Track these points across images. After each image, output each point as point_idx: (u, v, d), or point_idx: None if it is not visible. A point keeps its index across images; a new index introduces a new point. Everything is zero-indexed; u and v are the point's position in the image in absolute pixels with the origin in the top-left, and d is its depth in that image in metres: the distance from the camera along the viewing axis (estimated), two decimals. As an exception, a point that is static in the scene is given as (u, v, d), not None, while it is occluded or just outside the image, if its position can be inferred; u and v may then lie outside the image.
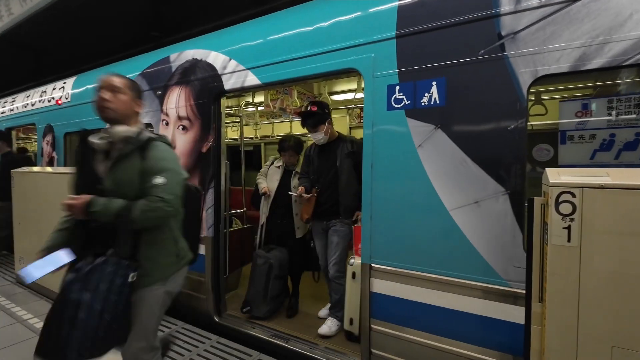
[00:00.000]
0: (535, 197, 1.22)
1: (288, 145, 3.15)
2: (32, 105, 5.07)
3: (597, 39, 1.47)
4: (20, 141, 7.57)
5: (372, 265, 2.03)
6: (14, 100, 5.59)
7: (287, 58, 2.37)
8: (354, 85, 4.49)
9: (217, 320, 2.82)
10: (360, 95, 4.54)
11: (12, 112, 5.51)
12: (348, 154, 2.63)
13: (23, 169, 3.75)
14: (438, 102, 1.79)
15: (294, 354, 2.40)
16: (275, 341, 2.51)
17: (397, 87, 1.92)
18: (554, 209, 1.05)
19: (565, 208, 1.04)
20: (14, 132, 5.75)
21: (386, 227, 1.97)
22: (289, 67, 2.36)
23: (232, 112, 4.69)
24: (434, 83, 1.81)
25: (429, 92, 1.82)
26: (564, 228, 1.03)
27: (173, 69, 3.09)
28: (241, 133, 4.33)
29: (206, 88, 2.83)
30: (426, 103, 1.83)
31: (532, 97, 2.13)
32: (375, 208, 2.00)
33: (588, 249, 1.01)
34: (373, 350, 2.04)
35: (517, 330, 1.58)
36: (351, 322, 2.42)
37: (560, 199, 1.04)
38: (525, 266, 1.53)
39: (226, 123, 4.09)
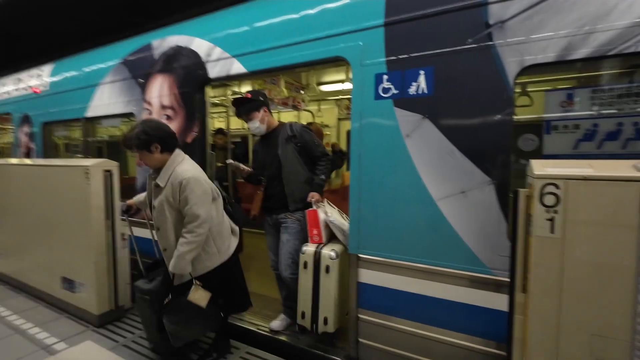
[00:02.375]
0: (520, 189, 1.22)
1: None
2: (8, 94, 4.85)
3: (583, 28, 1.46)
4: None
5: (360, 255, 2.03)
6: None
7: (273, 45, 2.30)
8: (342, 76, 4.44)
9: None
10: (348, 85, 4.50)
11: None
12: (288, 139, 2.43)
13: (-1, 161, 3.61)
14: (426, 91, 1.77)
15: (281, 344, 2.41)
16: (262, 332, 2.52)
17: (385, 76, 1.89)
18: (538, 201, 1.05)
19: (549, 200, 1.04)
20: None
21: (373, 217, 1.97)
22: (275, 55, 2.30)
23: (217, 101, 4.59)
24: (422, 72, 1.78)
25: (416, 82, 1.80)
26: (547, 219, 1.04)
27: (155, 56, 2.99)
28: (227, 124, 4.25)
29: (190, 76, 2.75)
30: (414, 92, 1.81)
31: (518, 89, 2.13)
32: (363, 198, 1.99)
33: (570, 240, 1.02)
34: (360, 340, 2.06)
35: (501, 318, 1.61)
36: (303, 315, 2.27)
37: (545, 191, 1.04)
38: (509, 255, 1.56)
39: (212, 113, 4.01)
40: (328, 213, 2.31)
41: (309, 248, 2.26)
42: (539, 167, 1.11)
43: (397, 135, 1.86)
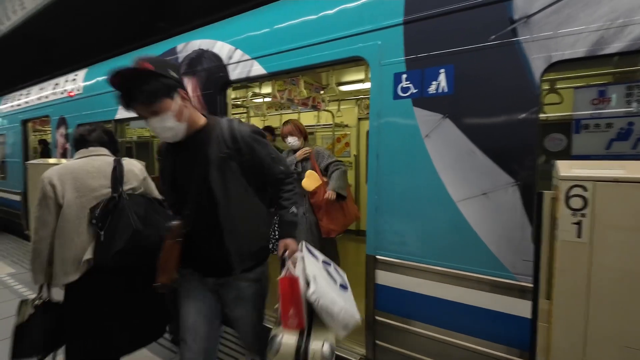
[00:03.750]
0: (544, 191, 1.17)
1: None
2: (46, 97, 5.17)
3: (616, 21, 1.38)
4: (37, 133, 7.76)
5: (377, 257, 2.01)
6: (29, 93, 5.71)
7: (292, 47, 2.32)
8: (362, 75, 4.41)
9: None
10: (368, 84, 4.46)
11: (27, 105, 5.63)
12: (226, 155, 1.41)
13: (38, 161, 3.85)
14: (446, 90, 1.73)
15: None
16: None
17: (404, 75, 1.86)
18: (564, 204, 1.00)
19: (576, 202, 0.99)
20: (30, 125, 5.89)
21: (392, 218, 1.94)
22: (294, 56, 2.32)
23: (239, 102, 4.68)
24: (442, 71, 1.74)
25: (436, 80, 1.76)
26: (573, 223, 0.99)
27: (179, 60, 3.09)
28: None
29: (212, 78, 2.82)
30: (434, 91, 1.77)
31: (545, 86, 2.04)
32: (381, 199, 1.97)
33: (599, 245, 0.96)
34: (377, 342, 2.04)
35: (524, 325, 1.55)
36: None
37: (571, 193, 0.99)
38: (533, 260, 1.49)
39: (233, 114, 4.09)
40: (310, 278, 1.31)
41: (287, 339, 1.29)
42: (565, 168, 1.06)
43: (416, 135, 1.83)
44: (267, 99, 4.83)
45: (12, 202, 5.74)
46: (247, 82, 2.79)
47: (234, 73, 2.66)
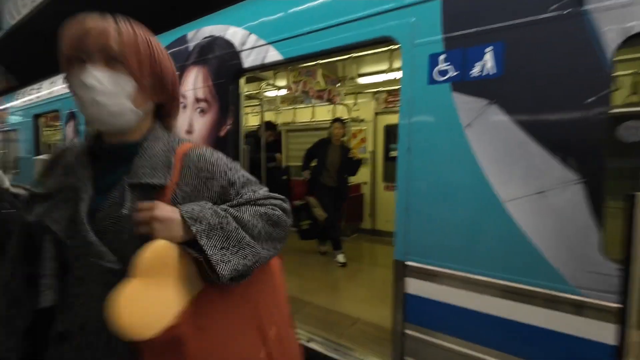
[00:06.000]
0: (637, 193, 0.92)
1: None
2: (56, 91, 5.08)
3: None
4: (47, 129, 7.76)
5: (407, 263, 1.78)
6: (39, 88, 5.66)
7: (312, 29, 2.10)
8: (382, 66, 4.16)
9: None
10: (387, 77, 4.21)
11: (38, 100, 5.57)
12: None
13: (45, 156, 3.74)
14: (495, 71, 1.49)
15: (316, 355, 2.22)
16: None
17: (442, 57, 1.62)
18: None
19: None
20: (42, 120, 5.84)
21: (425, 220, 1.71)
22: (314, 39, 2.10)
23: (251, 93, 4.50)
24: (489, 49, 1.50)
25: (482, 61, 1.52)
26: None
27: (190, 48, 2.90)
28: (262, 118, 4.13)
29: (224, 67, 2.63)
30: (478, 74, 1.53)
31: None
32: (413, 199, 1.74)
33: None
34: (406, 358, 1.82)
35: (589, 349, 1.30)
36: None
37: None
38: (602, 272, 1.25)
39: (246, 107, 3.90)
40: None
41: None
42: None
43: (455, 125, 1.59)
44: (282, 92, 4.63)
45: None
46: (262, 70, 2.58)
47: (248, 60, 2.46)
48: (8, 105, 6.80)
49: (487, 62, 1.50)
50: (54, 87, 5.14)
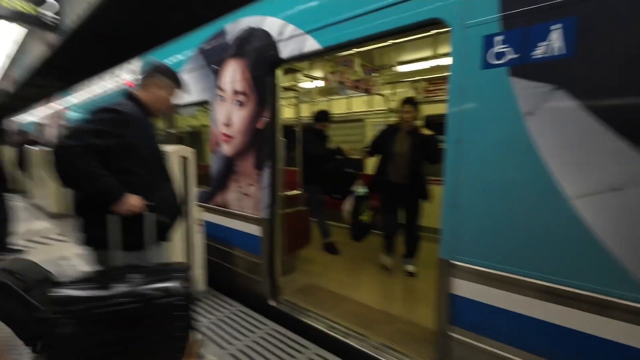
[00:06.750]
0: None
1: None
2: (107, 89, 5.40)
3: None
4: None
5: (453, 262, 1.66)
6: (90, 87, 6.05)
7: (353, 15, 2.01)
8: (421, 54, 3.95)
9: (271, 304, 2.71)
10: (426, 64, 3.99)
11: (95, 96, 5.96)
12: None
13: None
14: (564, 52, 1.31)
15: (353, 351, 2.17)
16: (333, 334, 2.31)
17: (499, 38, 1.46)
18: None
19: None
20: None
21: (476, 217, 1.58)
22: (354, 25, 2.00)
23: (287, 85, 4.47)
24: (556, 27, 1.32)
25: (547, 40, 1.35)
26: None
27: (227, 41, 2.92)
28: (298, 110, 4.09)
29: (261, 58, 2.60)
30: (542, 55, 1.36)
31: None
32: (462, 194, 1.61)
33: None
34: (451, 362, 1.72)
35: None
36: None
37: None
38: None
39: (282, 99, 3.88)
40: None
41: None
42: None
43: (514, 113, 1.44)
44: (317, 84, 4.56)
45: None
46: (299, 61, 2.52)
47: (285, 50, 2.41)
48: (69, 103, 7.36)
49: (555, 42, 1.33)
50: (105, 85, 5.47)
